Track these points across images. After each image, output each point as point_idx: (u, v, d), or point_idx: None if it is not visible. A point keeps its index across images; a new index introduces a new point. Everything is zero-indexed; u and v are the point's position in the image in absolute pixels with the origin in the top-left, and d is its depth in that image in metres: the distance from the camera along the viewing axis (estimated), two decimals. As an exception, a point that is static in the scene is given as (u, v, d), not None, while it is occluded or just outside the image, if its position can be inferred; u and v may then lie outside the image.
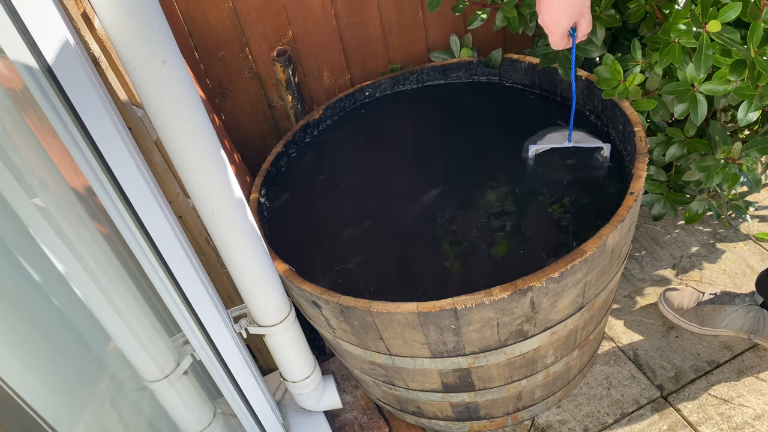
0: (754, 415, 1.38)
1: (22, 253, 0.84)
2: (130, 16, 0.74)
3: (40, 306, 0.88)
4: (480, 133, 1.46)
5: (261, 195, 1.35)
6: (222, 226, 1.00)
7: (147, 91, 0.81)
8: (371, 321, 1.05)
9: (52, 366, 0.86)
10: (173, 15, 1.43)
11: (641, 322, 1.62)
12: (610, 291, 1.20)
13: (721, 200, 1.56)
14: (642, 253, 1.80)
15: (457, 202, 1.29)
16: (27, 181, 0.79)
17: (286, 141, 1.49)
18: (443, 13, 1.67)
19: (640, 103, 1.33)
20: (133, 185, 0.86)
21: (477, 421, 1.40)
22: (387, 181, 1.40)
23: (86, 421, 0.89)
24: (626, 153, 1.26)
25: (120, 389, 1.06)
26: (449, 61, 1.62)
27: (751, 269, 1.70)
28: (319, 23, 1.58)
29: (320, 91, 1.71)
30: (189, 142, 0.87)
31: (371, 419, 1.52)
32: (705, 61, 1.21)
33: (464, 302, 0.98)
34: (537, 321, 1.07)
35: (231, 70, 1.58)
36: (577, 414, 1.45)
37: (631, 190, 1.08)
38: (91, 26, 1.01)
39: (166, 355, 1.10)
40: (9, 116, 0.78)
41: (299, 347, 1.28)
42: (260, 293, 1.13)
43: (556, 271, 0.98)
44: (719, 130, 1.37)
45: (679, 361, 1.51)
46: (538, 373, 1.25)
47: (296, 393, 1.38)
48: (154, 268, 0.97)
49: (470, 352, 1.10)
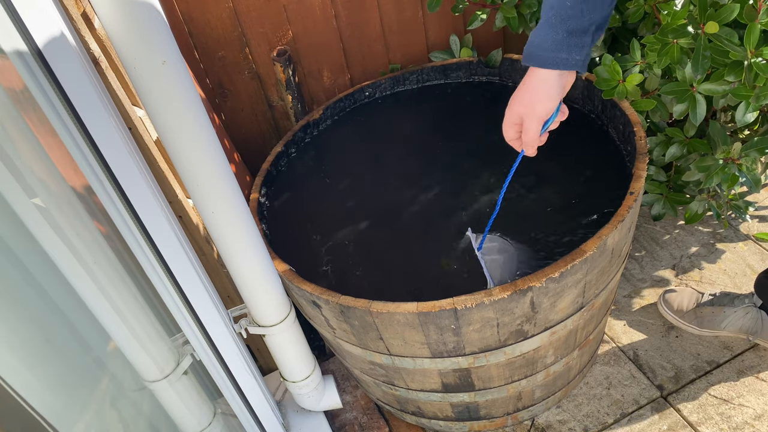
0: (754, 415, 1.38)
1: (22, 253, 0.84)
2: (130, 16, 0.74)
3: (40, 306, 0.89)
4: (480, 133, 1.46)
5: (261, 195, 1.35)
6: (222, 226, 1.00)
7: (147, 91, 0.81)
8: (371, 321, 1.05)
9: (52, 366, 0.86)
10: (173, 15, 1.43)
11: (641, 322, 1.62)
12: (610, 291, 1.20)
13: (720, 200, 1.56)
14: (642, 253, 1.80)
15: (457, 202, 1.30)
16: (27, 181, 0.79)
17: (286, 141, 1.49)
18: (443, 13, 1.67)
19: (639, 103, 1.33)
20: (133, 185, 0.86)
21: (477, 421, 1.40)
22: (387, 180, 1.40)
23: (86, 420, 0.89)
24: (626, 153, 1.26)
25: (120, 389, 1.07)
26: (449, 61, 1.62)
27: (751, 269, 1.70)
28: (319, 23, 1.58)
29: (320, 91, 1.71)
30: (189, 142, 0.87)
31: (371, 419, 1.52)
32: (702, 62, 1.21)
33: (464, 302, 0.98)
34: (537, 321, 1.07)
35: (231, 70, 1.58)
36: (577, 414, 1.45)
37: (631, 190, 1.08)
38: (91, 26, 1.01)
39: (166, 355, 1.10)
40: (9, 116, 0.79)
41: (299, 347, 1.28)
42: (260, 293, 1.13)
43: (556, 271, 0.98)
44: (719, 131, 1.37)
45: (679, 361, 1.51)
46: (538, 373, 1.25)
47: (296, 393, 1.38)
48: (154, 268, 0.97)
49: (470, 352, 1.10)
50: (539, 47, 0.88)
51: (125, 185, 0.85)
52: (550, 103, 0.90)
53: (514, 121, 0.96)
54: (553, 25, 0.86)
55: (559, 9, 0.84)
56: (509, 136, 0.99)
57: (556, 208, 1.22)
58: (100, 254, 0.93)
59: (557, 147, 1.35)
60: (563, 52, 0.86)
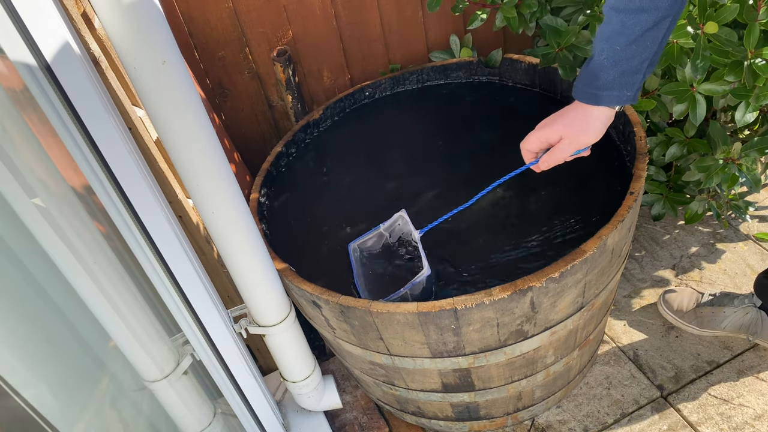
0: (754, 415, 1.38)
1: (22, 253, 0.84)
2: (130, 15, 0.74)
3: (40, 306, 0.89)
4: (480, 133, 1.46)
5: (261, 195, 1.35)
6: (222, 225, 1.00)
7: (147, 91, 0.81)
8: (371, 321, 1.05)
9: (52, 366, 0.86)
10: (173, 15, 1.43)
11: (641, 322, 1.62)
12: (610, 291, 1.20)
13: (720, 200, 1.56)
14: (642, 253, 1.80)
15: (456, 202, 1.29)
16: (27, 181, 0.79)
17: (286, 141, 1.49)
18: (443, 13, 1.67)
19: (639, 103, 1.33)
20: (133, 185, 0.86)
21: (477, 421, 1.40)
22: (387, 180, 1.40)
23: (86, 420, 0.89)
24: (626, 153, 1.26)
25: (120, 389, 1.07)
26: (449, 61, 1.62)
27: (751, 269, 1.70)
28: (319, 23, 1.58)
29: (320, 91, 1.71)
30: (189, 141, 0.87)
31: (371, 419, 1.52)
32: (702, 62, 1.21)
33: (464, 302, 0.98)
34: (537, 321, 1.07)
35: (231, 70, 1.58)
36: (577, 414, 1.45)
37: (631, 190, 1.08)
38: (91, 26, 1.01)
39: (166, 355, 1.10)
40: (9, 116, 0.79)
41: (299, 347, 1.28)
42: (260, 293, 1.13)
43: (556, 271, 0.98)
44: (719, 131, 1.37)
45: (679, 361, 1.51)
46: (538, 373, 1.25)
47: (296, 393, 1.38)
48: (154, 268, 0.97)
49: (470, 352, 1.10)
50: (590, 86, 0.89)
51: (125, 185, 0.85)
52: (594, 137, 0.92)
53: (547, 137, 0.95)
54: (605, 67, 0.86)
55: (610, 53, 0.85)
56: (530, 147, 0.99)
57: (556, 208, 1.22)
58: (100, 254, 0.93)
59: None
60: (615, 89, 0.87)
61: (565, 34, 1.40)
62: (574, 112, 0.92)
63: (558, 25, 1.44)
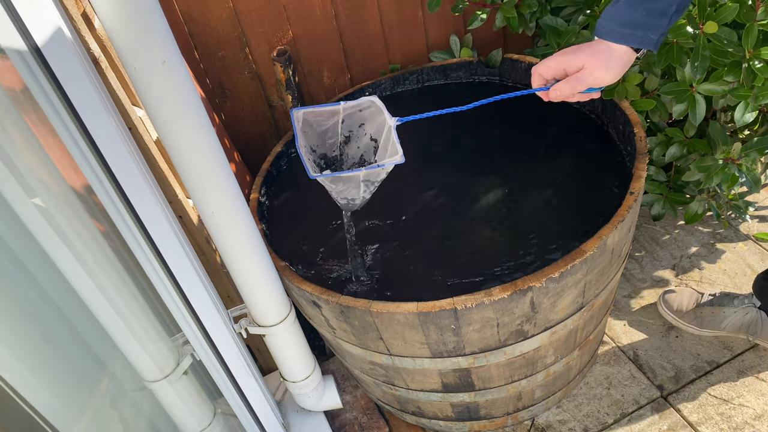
0: (754, 415, 1.38)
1: (22, 253, 0.84)
2: (130, 16, 0.74)
3: (40, 306, 0.89)
4: (480, 133, 1.46)
5: (261, 195, 1.35)
6: (222, 226, 1.00)
7: (147, 91, 0.81)
8: (371, 321, 1.05)
9: (52, 366, 0.86)
10: (173, 15, 1.43)
11: (641, 322, 1.62)
12: (610, 291, 1.20)
13: (720, 200, 1.56)
14: (642, 253, 1.80)
15: (456, 201, 1.29)
16: (27, 181, 0.79)
17: (286, 141, 1.49)
18: (443, 13, 1.67)
19: (638, 103, 1.33)
20: (133, 185, 0.86)
21: (477, 421, 1.40)
22: (386, 180, 1.40)
23: (86, 420, 0.89)
24: (626, 153, 1.26)
25: (120, 389, 1.07)
26: (449, 61, 1.62)
27: (751, 269, 1.70)
28: (319, 23, 1.58)
29: (320, 91, 1.71)
30: (189, 142, 0.87)
31: (371, 419, 1.52)
32: (702, 62, 1.21)
33: (464, 302, 0.98)
34: (537, 321, 1.07)
35: (231, 70, 1.58)
36: (577, 414, 1.45)
37: (631, 190, 1.08)
38: (91, 26, 1.01)
39: (166, 355, 1.10)
40: (9, 116, 0.79)
41: (299, 347, 1.28)
42: (260, 293, 1.13)
43: (556, 271, 0.98)
44: (719, 131, 1.37)
45: (679, 361, 1.51)
46: (538, 373, 1.25)
47: (296, 393, 1.38)
48: (154, 268, 0.97)
49: (470, 352, 1.10)
50: (616, 22, 0.87)
51: (125, 185, 0.85)
52: (613, 77, 0.90)
53: (567, 64, 0.93)
54: (633, 3, 0.85)
55: None
56: (543, 71, 0.96)
57: (556, 208, 1.22)
58: (100, 254, 0.93)
59: (558, 147, 1.35)
60: (640, 30, 0.86)
61: (565, 34, 1.40)
62: (598, 46, 0.91)
63: (558, 25, 1.44)
